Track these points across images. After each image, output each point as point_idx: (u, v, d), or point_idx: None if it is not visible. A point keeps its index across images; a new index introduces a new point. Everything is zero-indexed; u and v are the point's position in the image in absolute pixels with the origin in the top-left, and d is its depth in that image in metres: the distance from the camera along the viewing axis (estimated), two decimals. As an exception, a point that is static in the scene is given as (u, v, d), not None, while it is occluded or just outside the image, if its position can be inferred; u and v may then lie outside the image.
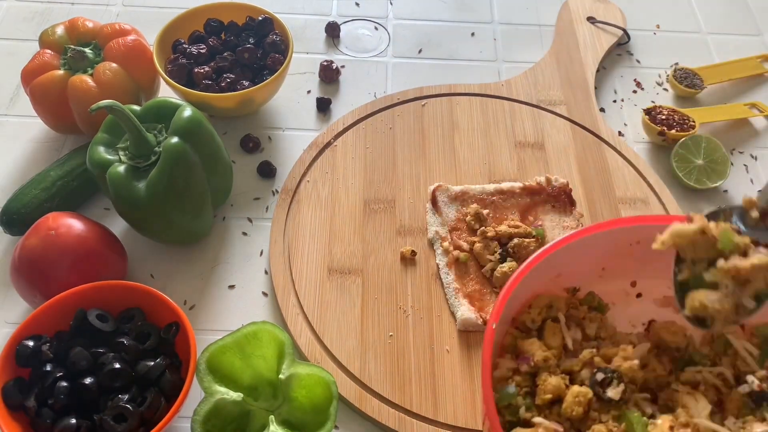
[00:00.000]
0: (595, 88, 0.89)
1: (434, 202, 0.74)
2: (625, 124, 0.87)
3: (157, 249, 0.72)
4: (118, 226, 0.72)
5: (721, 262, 0.47)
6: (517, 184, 0.76)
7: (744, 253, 0.47)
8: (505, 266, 0.67)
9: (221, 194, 0.74)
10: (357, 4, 1.00)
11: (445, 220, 0.73)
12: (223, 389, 0.57)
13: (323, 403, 0.57)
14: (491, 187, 0.75)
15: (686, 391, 0.51)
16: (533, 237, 0.70)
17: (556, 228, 0.73)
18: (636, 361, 0.51)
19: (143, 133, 0.65)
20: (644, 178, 0.79)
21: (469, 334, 0.67)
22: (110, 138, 0.67)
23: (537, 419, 0.49)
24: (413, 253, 0.71)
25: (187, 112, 0.66)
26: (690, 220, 0.49)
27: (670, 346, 0.54)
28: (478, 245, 0.69)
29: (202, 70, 0.79)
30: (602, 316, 0.57)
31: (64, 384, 0.56)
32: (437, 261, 0.71)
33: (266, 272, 0.72)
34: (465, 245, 0.70)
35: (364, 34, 0.97)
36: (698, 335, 0.56)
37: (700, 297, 0.48)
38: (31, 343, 0.57)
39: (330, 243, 0.72)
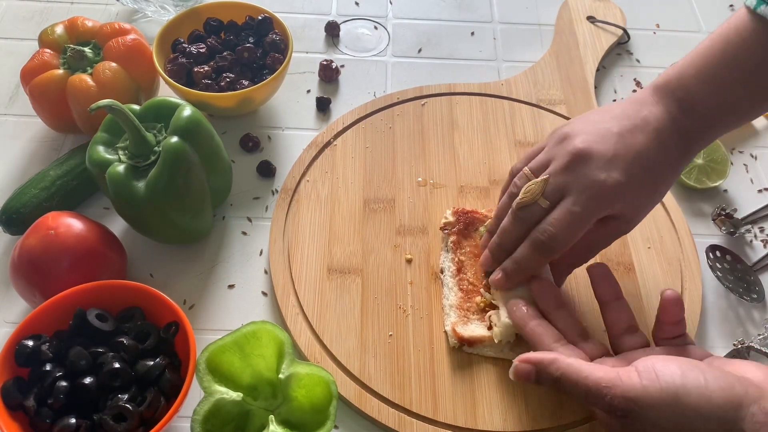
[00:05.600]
0: (595, 87, 0.89)
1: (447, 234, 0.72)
2: (625, 124, 0.87)
3: (156, 249, 0.72)
4: (117, 225, 0.72)
5: None
6: None
7: None
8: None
9: (221, 194, 0.74)
10: (356, 4, 1.00)
11: (455, 257, 0.70)
12: (222, 389, 0.56)
13: (323, 402, 0.57)
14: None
15: None
16: None
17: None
18: None
19: (143, 133, 0.65)
20: (644, 178, 0.79)
21: (468, 333, 0.67)
22: (110, 137, 0.67)
23: None
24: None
25: (187, 111, 0.66)
26: None
27: None
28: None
29: (201, 70, 0.79)
30: None
31: (64, 383, 0.56)
32: (443, 288, 0.69)
33: (266, 272, 0.72)
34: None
35: (363, 34, 0.97)
36: None
37: None
38: (30, 343, 0.57)
39: (330, 242, 0.72)
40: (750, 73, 0.56)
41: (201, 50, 0.80)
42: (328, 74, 0.89)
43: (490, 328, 0.64)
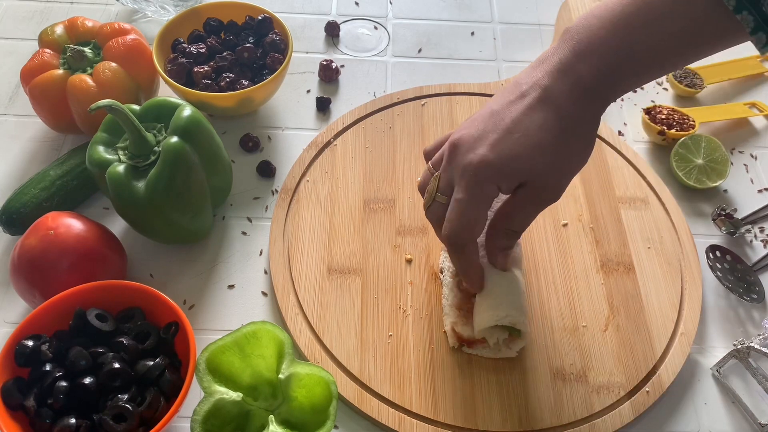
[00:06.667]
0: (595, 87, 0.89)
1: None
2: (625, 124, 0.87)
3: (156, 249, 0.72)
4: (117, 225, 0.72)
5: None
6: None
7: None
8: None
9: (221, 194, 0.74)
10: (356, 4, 1.00)
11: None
12: (222, 389, 0.56)
13: (323, 402, 0.57)
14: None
15: None
16: None
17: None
18: None
19: (143, 133, 0.65)
20: (644, 178, 0.79)
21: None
22: (109, 137, 0.67)
23: None
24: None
25: (187, 111, 0.66)
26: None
27: None
28: None
29: (201, 70, 0.79)
30: None
31: (64, 384, 0.56)
32: (443, 288, 0.69)
33: (266, 272, 0.72)
34: None
35: (363, 34, 0.97)
36: None
37: None
38: (30, 343, 0.57)
39: (330, 243, 0.72)
40: (656, 16, 0.52)
41: (201, 50, 0.80)
42: (328, 74, 0.89)
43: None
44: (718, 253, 0.73)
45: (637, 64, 0.55)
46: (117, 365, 0.56)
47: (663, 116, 0.84)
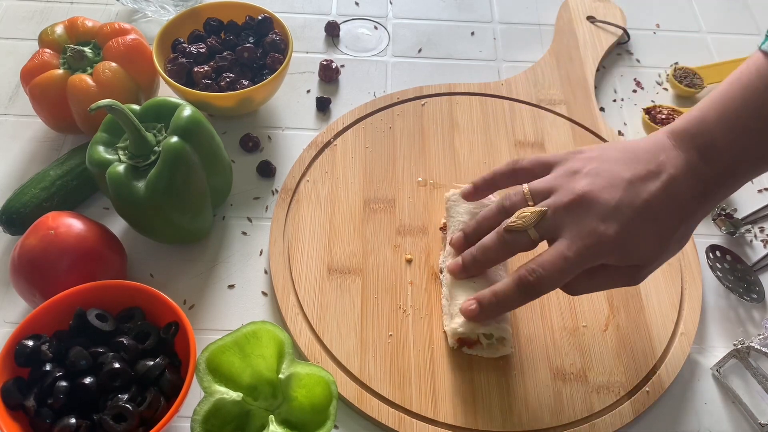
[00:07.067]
0: (595, 87, 0.89)
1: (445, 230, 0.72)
2: (625, 124, 0.87)
3: (156, 249, 0.72)
4: (117, 225, 0.72)
5: None
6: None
7: None
8: None
9: (221, 194, 0.74)
10: (357, 4, 1.00)
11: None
12: (222, 389, 0.56)
13: (323, 402, 0.57)
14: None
15: None
16: None
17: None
18: None
19: (143, 133, 0.65)
20: (644, 178, 0.79)
21: (469, 333, 0.67)
22: (110, 137, 0.67)
23: None
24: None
25: (187, 111, 0.66)
26: None
27: None
28: None
29: (201, 70, 0.79)
30: None
31: (64, 383, 0.56)
32: (442, 288, 0.68)
33: (266, 272, 0.72)
34: None
35: (363, 34, 0.97)
36: None
37: None
38: (30, 343, 0.57)
39: (330, 242, 0.72)
40: None
41: (201, 50, 0.80)
42: (328, 74, 0.89)
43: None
44: (718, 253, 0.73)
45: (759, 167, 0.56)
46: (117, 365, 0.56)
47: (663, 116, 0.84)
